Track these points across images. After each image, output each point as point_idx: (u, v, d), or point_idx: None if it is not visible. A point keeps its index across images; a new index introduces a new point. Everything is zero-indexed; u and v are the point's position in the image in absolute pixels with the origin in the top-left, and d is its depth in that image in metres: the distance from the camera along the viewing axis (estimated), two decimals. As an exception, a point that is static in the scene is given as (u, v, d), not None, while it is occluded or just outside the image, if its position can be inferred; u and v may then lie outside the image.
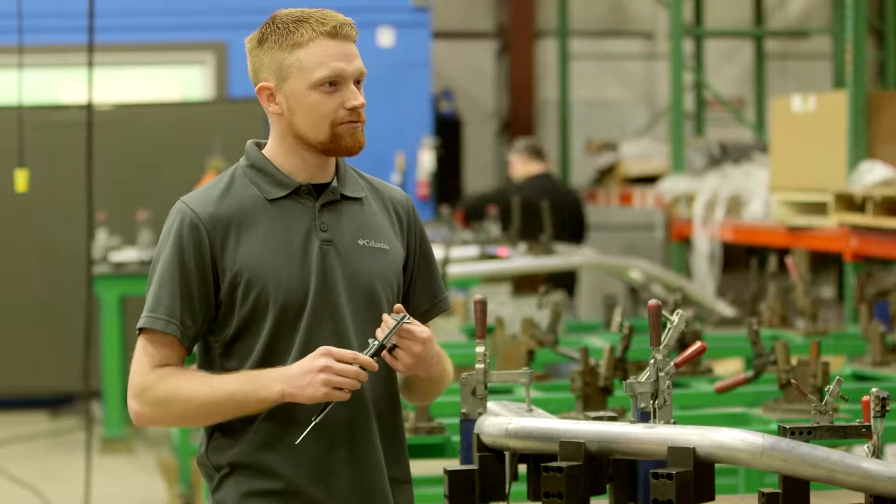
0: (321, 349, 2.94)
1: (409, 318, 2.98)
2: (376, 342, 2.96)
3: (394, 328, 2.96)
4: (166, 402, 3.00)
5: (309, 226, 3.08)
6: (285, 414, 2.99)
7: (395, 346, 2.99)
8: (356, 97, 3.04)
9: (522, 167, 10.58)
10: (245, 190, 3.09)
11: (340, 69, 3.03)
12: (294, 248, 3.05)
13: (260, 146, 3.15)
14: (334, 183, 3.12)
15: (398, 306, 3.00)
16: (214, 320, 3.06)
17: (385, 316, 2.99)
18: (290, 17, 3.05)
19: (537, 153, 10.61)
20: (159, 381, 3.00)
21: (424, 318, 3.22)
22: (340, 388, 2.91)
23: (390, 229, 3.17)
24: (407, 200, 3.24)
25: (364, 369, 2.93)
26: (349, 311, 3.06)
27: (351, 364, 2.92)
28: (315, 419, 2.93)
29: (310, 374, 2.91)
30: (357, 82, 3.06)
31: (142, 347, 3.04)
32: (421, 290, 3.21)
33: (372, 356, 2.94)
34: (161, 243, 3.06)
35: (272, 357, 3.03)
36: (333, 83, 3.03)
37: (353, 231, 3.11)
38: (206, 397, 2.97)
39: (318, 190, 3.11)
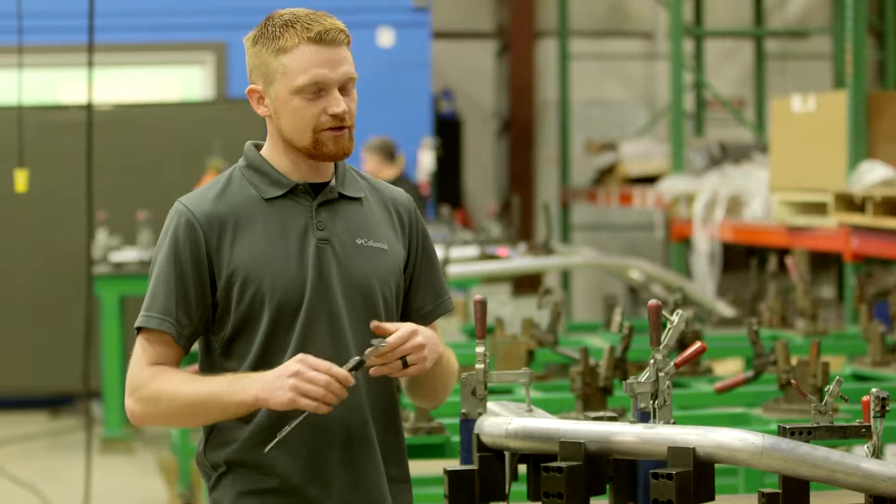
0: (299, 356, 2.92)
1: (385, 343, 2.92)
2: (356, 358, 2.93)
3: (373, 347, 2.91)
4: (154, 400, 3.01)
5: (305, 225, 3.08)
6: (283, 413, 2.98)
7: (405, 363, 2.95)
8: (338, 104, 3.03)
9: (378, 168, 10.44)
10: (242, 190, 3.09)
11: (322, 76, 3.02)
12: (290, 246, 3.05)
13: (259, 147, 3.16)
14: (332, 182, 3.13)
15: (374, 323, 2.95)
16: (213, 320, 3.06)
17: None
18: (281, 20, 3.05)
19: (391, 155, 10.49)
20: (150, 379, 3.01)
21: (427, 319, 3.22)
22: (314, 399, 2.88)
23: (390, 229, 3.17)
24: (408, 201, 3.24)
25: (341, 382, 2.89)
26: (345, 309, 3.06)
27: (323, 374, 2.88)
28: (281, 433, 2.91)
29: (281, 378, 2.90)
30: (344, 88, 3.05)
31: (139, 346, 3.06)
32: (423, 290, 3.21)
33: (349, 370, 2.91)
34: (159, 243, 3.08)
35: (269, 356, 3.03)
36: (316, 90, 3.02)
37: (351, 230, 3.11)
38: (188, 397, 2.98)
39: (316, 189, 3.11)
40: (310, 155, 3.06)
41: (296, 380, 2.88)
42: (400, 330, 2.97)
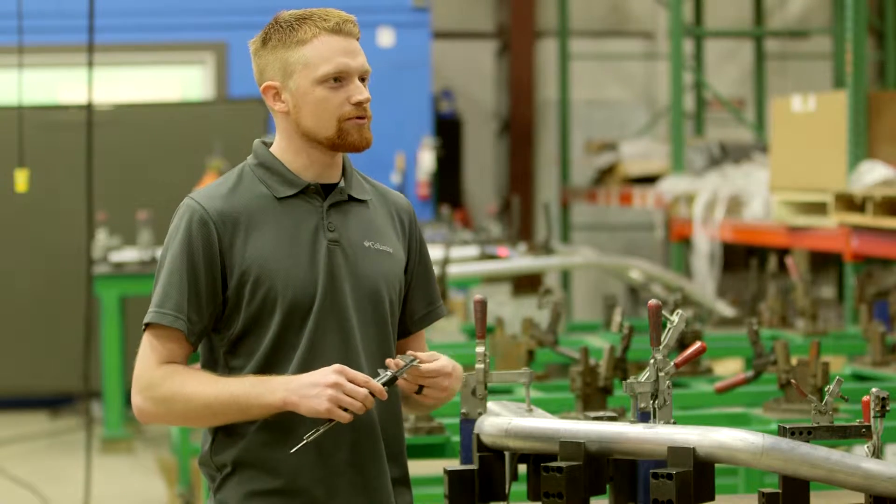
0: (336, 366, 2.93)
1: (418, 360, 2.99)
2: (389, 373, 2.96)
3: (408, 363, 2.98)
4: (170, 400, 2.99)
5: (317, 225, 3.08)
6: (289, 414, 2.98)
7: (421, 388, 3.01)
8: (361, 91, 3.05)
9: None
10: (254, 187, 3.09)
11: (345, 64, 3.04)
12: (302, 247, 3.05)
13: (267, 145, 3.15)
14: (342, 184, 3.12)
15: (410, 352, 3.02)
16: (220, 318, 3.05)
17: (389, 361, 2.99)
18: (293, 17, 3.07)
19: None
20: (165, 378, 3.00)
21: (420, 325, 3.23)
22: (344, 409, 2.91)
23: (393, 233, 3.17)
24: (408, 206, 3.25)
25: (373, 395, 2.93)
26: (354, 311, 3.06)
27: (362, 387, 2.91)
28: (308, 437, 2.92)
29: (318, 387, 2.90)
30: (362, 80, 3.07)
31: (147, 343, 3.03)
32: (418, 296, 3.22)
33: (384, 384, 2.94)
34: (169, 239, 3.05)
35: (277, 356, 3.03)
36: (338, 78, 3.04)
37: (360, 232, 3.11)
38: (208, 399, 2.97)
39: (325, 190, 3.11)
40: (332, 145, 3.06)
41: (335, 391, 2.89)
42: (440, 361, 3.01)
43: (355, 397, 2.90)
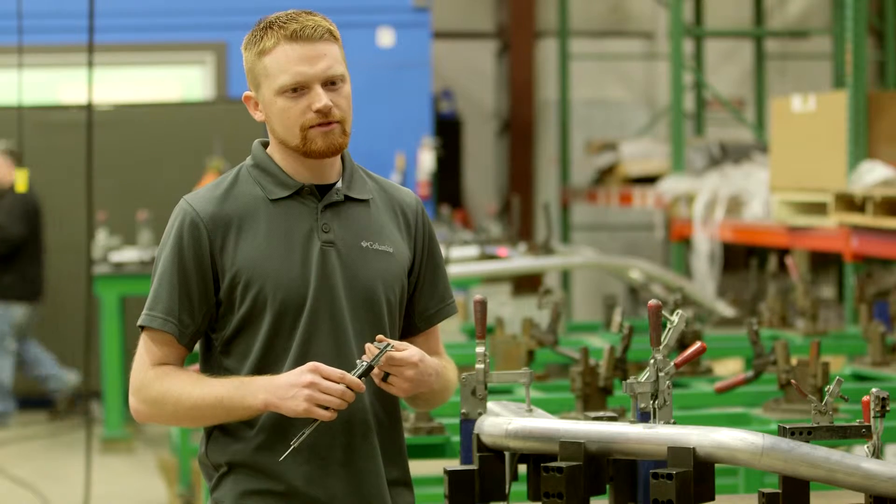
0: (310, 365, 2.93)
1: (392, 347, 2.95)
2: (364, 363, 2.93)
3: (381, 352, 2.93)
4: (159, 401, 3.01)
5: (311, 227, 3.07)
6: (285, 416, 2.98)
7: (387, 374, 2.96)
8: (319, 98, 2.99)
9: (9, 172, 10.21)
10: (248, 189, 3.08)
11: (301, 73, 2.99)
12: (294, 248, 3.04)
13: (266, 146, 3.14)
14: (339, 184, 3.11)
15: (380, 336, 2.98)
16: (216, 319, 3.06)
17: (368, 345, 2.96)
18: (264, 23, 3.05)
19: (20, 159, 10.24)
20: (155, 380, 3.02)
21: (430, 322, 3.21)
22: (324, 407, 2.90)
23: (396, 232, 3.15)
24: (416, 202, 3.23)
25: (351, 389, 2.91)
26: (349, 313, 3.05)
27: (337, 383, 2.90)
28: (295, 441, 2.91)
29: (294, 388, 2.90)
30: (331, 83, 3.02)
31: (142, 345, 3.06)
32: (427, 293, 3.19)
33: (359, 377, 2.92)
34: (163, 242, 3.07)
35: (270, 357, 3.02)
36: (298, 88, 3.01)
37: (357, 233, 3.10)
38: (195, 400, 2.98)
39: (322, 191, 3.10)
40: (302, 153, 3.05)
41: (311, 390, 2.89)
42: (408, 350, 2.97)
43: (331, 394, 2.89)
